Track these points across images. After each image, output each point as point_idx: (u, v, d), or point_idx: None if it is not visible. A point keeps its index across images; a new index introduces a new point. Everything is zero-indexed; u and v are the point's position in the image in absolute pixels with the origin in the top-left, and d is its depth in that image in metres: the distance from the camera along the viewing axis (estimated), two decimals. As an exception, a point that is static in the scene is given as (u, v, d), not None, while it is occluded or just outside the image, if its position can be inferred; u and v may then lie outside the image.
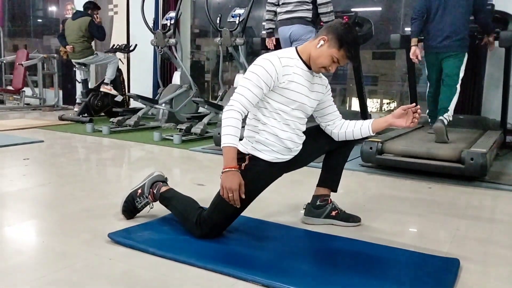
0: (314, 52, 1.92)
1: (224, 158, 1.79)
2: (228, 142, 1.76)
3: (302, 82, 1.94)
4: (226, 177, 1.77)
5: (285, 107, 1.93)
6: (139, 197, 2.13)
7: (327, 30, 1.92)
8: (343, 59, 1.91)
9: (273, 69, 1.84)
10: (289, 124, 1.95)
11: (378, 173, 3.30)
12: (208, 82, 7.71)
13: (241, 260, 1.74)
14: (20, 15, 9.72)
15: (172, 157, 4.02)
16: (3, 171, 3.25)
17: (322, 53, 1.90)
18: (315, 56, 1.92)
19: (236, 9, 5.09)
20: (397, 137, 3.67)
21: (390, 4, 6.47)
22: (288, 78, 1.89)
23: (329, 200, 2.23)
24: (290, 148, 1.99)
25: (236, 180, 1.77)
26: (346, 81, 7.26)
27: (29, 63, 7.17)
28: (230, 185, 1.76)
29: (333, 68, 1.93)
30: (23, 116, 6.50)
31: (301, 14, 4.09)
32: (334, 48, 1.88)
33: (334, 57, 1.89)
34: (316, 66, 1.93)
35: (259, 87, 1.83)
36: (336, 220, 2.20)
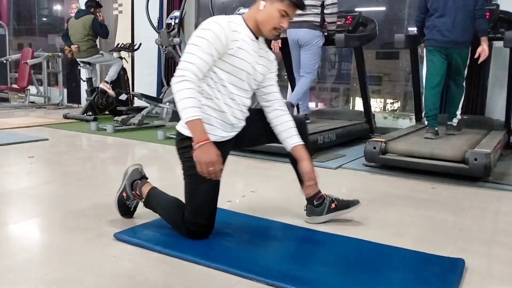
0: (260, 15, 1.84)
1: (193, 132, 1.69)
2: (192, 115, 1.66)
3: (250, 51, 1.85)
4: (201, 151, 1.67)
5: (232, 78, 1.83)
6: (127, 200, 2.10)
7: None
8: (290, 8, 1.84)
9: (223, 33, 1.74)
10: (234, 99, 1.87)
11: (382, 173, 3.30)
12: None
13: (246, 259, 1.74)
14: (25, 14, 9.76)
15: (175, 156, 4.01)
16: (8, 168, 3.26)
17: (268, 13, 1.82)
18: (262, 19, 1.84)
19: (241, 8, 5.09)
20: (401, 137, 3.67)
21: (394, 4, 6.45)
22: (237, 44, 1.80)
23: (325, 196, 2.17)
24: (233, 123, 1.91)
25: (213, 151, 1.68)
26: (349, 81, 7.25)
27: (34, 61, 7.20)
28: (209, 158, 1.67)
29: (285, 23, 1.85)
30: (27, 114, 6.53)
31: (309, 18, 4.12)
32: (276, 2, 1.82)
33: (280, 10, 1.82)
34: (267, 29, 1.85)
35: (209, 54, 1.72)
36: (339, 211, 2.17)
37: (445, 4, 3.55)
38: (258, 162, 3.67)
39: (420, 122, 4.51)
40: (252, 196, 2.68)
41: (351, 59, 6.76)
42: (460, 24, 3.53)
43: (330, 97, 7.42)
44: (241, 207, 2.41)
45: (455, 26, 3.53)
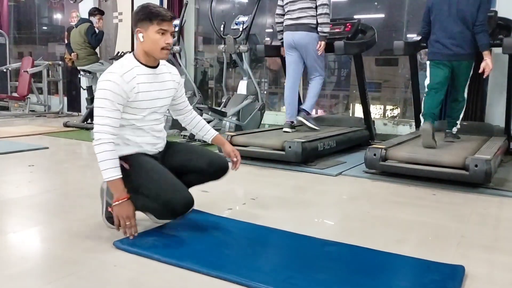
0: (145, 46, 1.96)
1: (114, 190, 1.90)
2: (112, 176, 1.86)
3: (149, 88, 1.98)
4: (120, 207, 1.89)
5: (137, 116, 1.99)
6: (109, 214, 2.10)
7: (133, 24, 1.98)
8: (163, 24, 1.92)
9: (120, 89, 1.89)
10: (143, 129, 2.03)
11: (382, 180, 3.30)
12: (212, 88, 7.75)
13: (247, 267, 1.74)
14: (26, 23, 9.80)
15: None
16: (8, 177, 3.26)
17: (149, 40, 1.94)
18: (148, 48, 1.95)
19: (240, 16, 5.12)
20: (401, 143, 3.67)
21: (393, 11, 6.49)
22: (134, 91, 1.93)
23: None
24: (147, 150, 2.07)
25: (131, 208, 1.91)
26: (349, 88, 7.27)
27: (34, 70, 7.23)
28: (126, 213, 1.90)
29: (169, 39, 1.95)
30: (28, 122, 6.54)
31: (305, 20, 4.13)
32: (148, 26, 1.92)
33: (157, 31, 1.92)
34: (157, 53, 1.96)
35: (116, 110, 1.89)
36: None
37: (447, 17, 3.57)
38: (258, 169, 3.67)
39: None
40: (252, 204, 2.68)
41: (351, 65, 6.79)
42: (461, 37, 3.54)
43: (330, 103, 7.44)
44: (241, 214, 2.41)
45: (456, 39, 3.55)
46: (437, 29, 3.63)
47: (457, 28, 3.54)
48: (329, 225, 2.41)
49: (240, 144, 3.91)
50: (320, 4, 4.07)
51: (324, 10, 4.06)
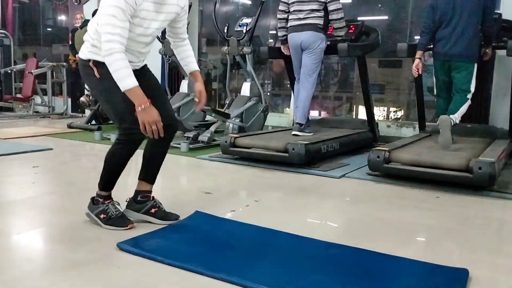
0: None
1: (134, 97, 1.90)
2: (129, 84, 1.88)
3: (151, 8, 1.99)
4: (144, 113, 1.90)
5: (130, 33, 1.96)
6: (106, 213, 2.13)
7: None
8: None
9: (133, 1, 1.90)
10: (129, 47, 1.99)
11: (386, 182, 3.29)
12: (215, 90, 7.76)
13: (250, 269, 1.74)
14: (30, 24, 9.85)
15: (179, 165, 4.04)
16: (12, 178, 3.28)
17: None
18: None
19: (244, 18, 5.12)
20: (405, 146, 3.66)
21: (397, 13, 6.48)
22: (140, 7, 1.94)
23: (151, 197, 2.25)
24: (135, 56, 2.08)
25: (155, 112, 1.92)
26: (352, 90, 7.27)
27: (38, 71, 7.26)
28: (152, 118, 1.91)
29: None
30: (32, 124, 6.56)
31: (312, 21, 4.12)
32: None
33: None
34: None
35: (126, 20, 1.89)
36: (154, 218, 2.22)
37: (451, 17, 3.57)
38: (261, 171, 3.67)
39: (423, 131, 4.51)
40: (255, 206, 2.68)
41: (354, 67, 6.79)
42: (465, 37, 3.55)
43: (333, 105, 7.44)
44: (244, 216, 2.41)
45: (458, 39, 3.55)
46: (441, 28, 3.63)
47: (461, 28, 3.54)
48: (332, 228, 2.41)
49: (243, 146, 3.92)
50: (335, 8, 4.05)
51: (339, 14, 4.06)
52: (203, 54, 7.47)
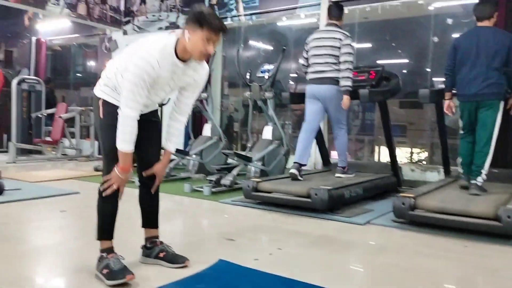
0: (188, 45, 2.03)
1: (123, 160, 2.07)
2: (128, 148, 2.05)
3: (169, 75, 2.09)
4: (120, 175, 2.09)
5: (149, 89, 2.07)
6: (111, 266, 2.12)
7: (186, 22, 2.05)
8: (212, 34, 2.00)
9: (155, 73, 2.01)
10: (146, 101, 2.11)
11: (411, 230, 3.23)
12: (237, 132, 7.87)
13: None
14: (61, 70, 10.33)
15: (201, 209, 4.07)
16: (41, 223, 3.35)
17: (193, 42, 2.01)
18: (190, 48, 2.04)
19: (265, 64, 5.27)
20: (430, 192, 3.61)
21: (417, 56, 6.56)
22: (161, 73, 2.05)
23: (157, 243, 2.37)
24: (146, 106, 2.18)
25: (126, 178, 2.11)
26: (373, 132, 7.26)
27: (68, 116, 7.53)
28: (121, 182, 2.11)
29: (211, 48, 2.04)
30: (60, 166, 6.74)
31: (331, 74, 4.18)
32: (198, 30, 1.99)
33: (203, 38, 2.00)
34: (196, 55, 2.06)
35: (145, 88, 2.02)
36: (163, 261, 2.32)
37: (475, 56, 3.57)
38: (284, 216, 3.65)
39: (449, 176, 4.44)
40: (278, 254, 2.65)
41: (375, 109, 6.81)
42: (488, 77, 3.52)
43: (355, 148, 7.42)
44: (268, 265, 2.39)
45: (481, 79, 3.53)
46: (462, 68, 3.63)
47: (484, 68, 3.53)
48: (357, 278, 2.36)
49: (266, 190, 3.93)
50: (344, 60, 4.11)
51: (346, 65, 4.11)
52: (225, 96, 7.65)
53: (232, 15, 6.75)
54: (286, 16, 6.33)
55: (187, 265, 2.31)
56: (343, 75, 4.12)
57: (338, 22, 4.33)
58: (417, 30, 6.26)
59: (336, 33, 4.19)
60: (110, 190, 2.11)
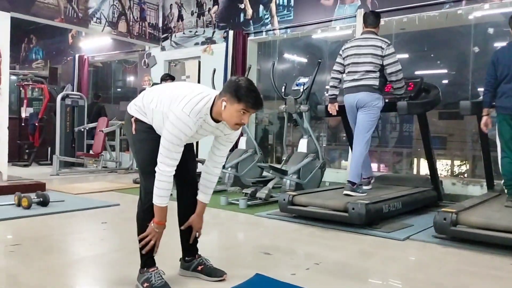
0: (224, 114, 2.08)
1: (159, 214, 2.14)
2: (163, 203, 2.12)
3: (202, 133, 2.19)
4: (156, 230, 2.16)
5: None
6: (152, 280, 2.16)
7: (224, 90, 2.09)
8: (248, 109, 2.06)
9: (191, 132, 2.08)
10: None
11: (454, 246, 3.12)
12: (271, 144, 7.89)
13: None
14: (102, 85, 10.72)
15: (237, 222, 4.08)
16: (83, 235, 3.47)
17: (229, 113, 2.06)
18: (226, 117, 2.09)
19: (301, 78, 5.27)
20: (473, 207, 3.48)
21: (458, 66, 6.39)
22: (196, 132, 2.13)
23: (196, 256, 2.43)
24: None
25: (161, 233, 2.18)
26: (412, 144, 7.09)
27: (108, 129, 7.79)
28: (155, 236, 2.16)
29: (246, 119, 2.09)
30: (101, 178, 6.96)
31: (368, 82, 4.08)
32: (235, 103, 2.04)
33: (240, 110, 2.05)
34: (231, 124, 2.11)
35: (182, 146, 2.09)
36: (201, 274, 2.37)
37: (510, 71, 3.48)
38: (320, 230, 3.62)
39: (492, 190, 4.27)
40: (316, 269, 2.63)
41: (413, 120, 6.67)
42: None
43: (393, 161, 7.26)
44: (305, 281, 2.37)
45: None
46: (503, 82, 3.53)
47: None
48: (398, 296, 2.30)
49: (301, 204, 3.91)
50: (394, 71, 4.02)
51: (399, 76, 4.04)
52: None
53: (267, 29, 6.83)
54: (321, 29, 6.33)
55: (224, 279, 2.33)
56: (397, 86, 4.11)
57: (375, 29, 4.26)
58: (456, 40, 6.12)
59: (376, 41, 4.11)
60: (149, 247, 2.16)
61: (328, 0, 6.18)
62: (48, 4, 6.59)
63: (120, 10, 7.67)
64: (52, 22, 6.80)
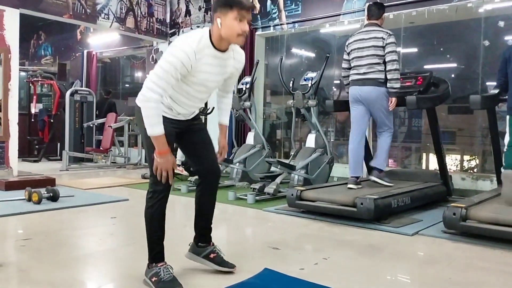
0: (222, 31, 2.05)
1: (157, 144, 2.04)
2: (158, 132, 2.01)
3: (210, 70, 2.10)
4: (161, 160, 2.05)
5: (189, 88, 2.12)
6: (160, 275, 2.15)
7: (214, 10, 2.09)
8: (242, 12, 2.03)
9: (189, 63, 2.00)
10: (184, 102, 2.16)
11: (464, 241, 3.10)
12: (279, 139, 7.89)
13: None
14: (111, 81, 10.78)
15: (245, 217, 4.09)
16: (93, 230, 3.50)
17: (226, 26, 2.03)
18: (224, 33, 2.05)
19: (308, 73, 5.26)
20: (483, 202, 3.45)
21: (467, 60, 6.33)
22: (199, 68, 2.05)
23: (211, 243, 2.41)
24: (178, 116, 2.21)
25: (170, 161, 2.06)
26: (421, 139, 7.05)
27: (117, 125, 7.83)
28: (165, 165, 2.06)
29: (245, 26, 2.05)
30: (110, 174, 7.01)
31: (373, 75, 4.08)
32: (228, 13, 2.02)
33: (235, 18, 2.02)
34: (233, 38, 2.06)
35: (175, 78, 2.01)
36: (212, 263, 2.36)
37: None
38: (329, 225, 3.61)
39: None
40: (324, 264, 2.62)
41: (422, 115, 6.62)
42: None
43: (402, 156, 7.22)
44: (314, 276, 2.37)
45: None
46: None
47: None
48: (407, 291, 2.29)
49: (310, 199, 3.91)
50: (389, 60, 4.00)
51: (394, 66, 3.99)
52: (267, 103, 7.69)
53: (275, 24, 6.80)
54: (329, 23, 6.30)
55: (234, 271, 2.34)
56: (391, 77, 4.01)
57: (378, 21, 4.22)
58: (466, 34, 6.05)
59: (377, 33, 4.09)
60: (163, 179, 2.09)
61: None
62: (57, 1, 6.62)
63: (128, 5, 7.68)
64: (60, 18, 6.83)
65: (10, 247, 2.99)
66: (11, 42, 5.90)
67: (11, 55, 5.90)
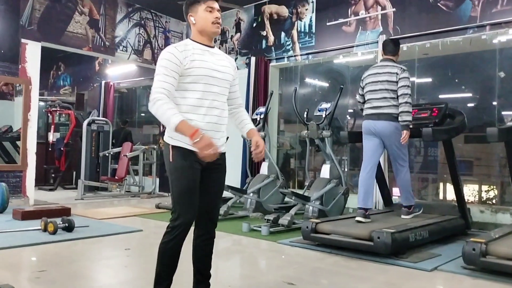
0: (197, 27, 2.19)
1: (184, 131, 2.00)
2: (176, 121, 1.98)
3: (204, 58, 2.15)
4: (199, 140, 1.97)
5: (196, 85, 2.12)
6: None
7: (184, 13, 2.24)
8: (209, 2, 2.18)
9: (174, 57, 2.09)
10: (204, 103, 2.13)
11: (484, 278, 3.01)
12: (293, 169, 7.86)
13: None
14: (127, 110, 10.96)
15: (259, 249, 4.04)
16: (107, 261, 3.49)
17: (200, 20, 2.18)
18: (200, 26, 2.19)
19: (323, 103, 5.28)
20: (503, 236, 3.36)
21: (482, 89, 6.30)
22: (190, 58, 2.11)
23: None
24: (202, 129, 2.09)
25: (207, 137, 1.99)
26: (437, 169, 6.95)
27: (132, 154, 7.92)
28: (205, 143, 1.97)
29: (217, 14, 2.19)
30: (124, 203, 7.03)
31: (387, 110, 4.09)
32: (198, 8, 2.18)
33: (205, 10, 2.17)
34: (209, 29, 2.19)
35: (170, 76, 2.07)
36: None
37: None
38: (345, 260, 3.55)
39: (523, 218, 4.13)
40: (341, 301, 2.56)
41: (438, 145, 6.55)
42: None
43: (418, 187, 7.12)
44: (330, 314, 2.31)
45: None
46: None
47: None
48: (427, 332, 2.22)
49: (325, 232, 3.85)
50: (401, 93, 4.01)
51: (405, 99, 3.99)
52: (280, 132, 7.71)
53: (289, 55, 6.90)
54: (343, 55, 6.37)
55: None
56: (402, 110, 4.00)
57: (393, 57, 4.28)
58: (481, 65, 6.05)
59: (392, 68, 4.13)
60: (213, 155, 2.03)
61: (349, 26, 6.22)
62: (77, 34, 6.84)
63: (146, 38, 7.89)
64: (80, 50, 7.05)
65: (25, 278, 2.99)
66: (32, 74, 6.09)
67: (31, 87, 6.07)
